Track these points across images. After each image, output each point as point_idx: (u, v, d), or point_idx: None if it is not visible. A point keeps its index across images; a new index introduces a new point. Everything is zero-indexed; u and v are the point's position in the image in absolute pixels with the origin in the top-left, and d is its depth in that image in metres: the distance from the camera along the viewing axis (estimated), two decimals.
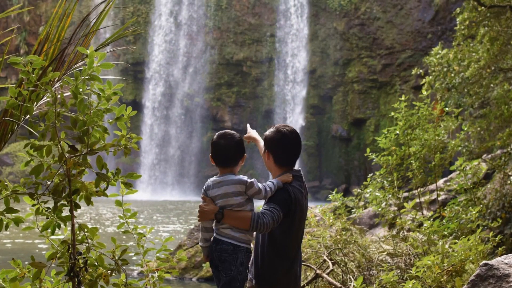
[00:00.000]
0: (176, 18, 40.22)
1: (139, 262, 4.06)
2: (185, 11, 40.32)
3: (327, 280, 6.78)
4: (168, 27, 40.13)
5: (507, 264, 4.40)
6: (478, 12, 11.83)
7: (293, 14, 39.28)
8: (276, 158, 3.82)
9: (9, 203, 3.44)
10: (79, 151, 3.47)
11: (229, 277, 3.58)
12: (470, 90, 11.71)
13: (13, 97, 3.36)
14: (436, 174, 9.94)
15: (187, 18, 40.29)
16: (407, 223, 8.02)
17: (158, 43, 39.81)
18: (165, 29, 40.06)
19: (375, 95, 37.56)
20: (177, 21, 40.23)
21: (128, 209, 3.91)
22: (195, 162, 39.31)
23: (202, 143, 39.12)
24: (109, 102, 3.49)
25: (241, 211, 3.59)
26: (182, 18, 40.34)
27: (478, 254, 6.11)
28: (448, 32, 34.10)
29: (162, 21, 40.09)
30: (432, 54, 12.52)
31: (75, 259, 3.48)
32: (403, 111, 9.75)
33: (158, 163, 39.23)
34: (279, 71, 39.46)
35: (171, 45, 40.05)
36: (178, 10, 40.35)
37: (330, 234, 7.56)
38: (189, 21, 40.27)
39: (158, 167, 39.18)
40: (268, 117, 39.04)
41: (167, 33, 40.11)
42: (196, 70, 40.08)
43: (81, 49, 3.46)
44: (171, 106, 39.94)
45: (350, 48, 38.12)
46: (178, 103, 39.94)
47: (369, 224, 11.68)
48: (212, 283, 10.80)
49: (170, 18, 40.21)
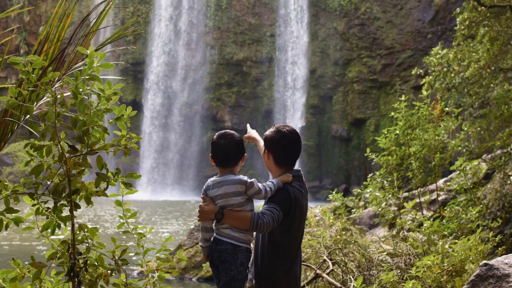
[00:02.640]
0: (175, 25, 40.10)
1: (139, 262, 4.06)
2: (185, 15, 40.21)
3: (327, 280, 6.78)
4: (167, 35, 39.98)
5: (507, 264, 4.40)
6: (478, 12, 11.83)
7: (293, 19, 39.23)
8: (276, 158, 3.82)
9: (9, 203, 3.44)
10: (79, 151, 3.46)
11: (229, 277, 3.58)
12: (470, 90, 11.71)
13: (13, 97, 3.35)
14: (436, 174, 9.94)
15: (187, 24, 40.16)
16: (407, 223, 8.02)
17: (156, 55, 39.72)
18: (164, 38, 39.90)
19: (375, 95, 37.56)
20: (176, 28, 40.10)
21: (128, 209, 3.91)
22: (194, 166, 39.30)
23: (202, 143, 39.12)
24: (109, 102, 3.49)
25: (241, 211, 3.59)
26: (182, 24, 40.21)
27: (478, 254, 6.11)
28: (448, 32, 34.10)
29: (162, 28, 39.96)
30: (432, 54, 12.53)
31: (75, 259, 3.48)
32: (403, 111, 9.75)
33: (157, 167, 39.22)
34: (278, 77, 39.46)
35: (169, 57, 39.92)
36: (178, 15, 40.26)
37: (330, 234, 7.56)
38: (188, 27, 40.13)
39: (157, 171, 39.17)
40: (268, 117, 39.04)
41: (166, 43, 39.96)
42: (195, 81, 40.06)
43: (81, 49, 3.46)
44: (169, 115, 39.94)
45: (350, 48, 38.12)
46: (176, 111, 39.93)
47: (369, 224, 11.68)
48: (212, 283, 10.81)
49: (170, 24, 40.08)
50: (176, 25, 40.25)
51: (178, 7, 40.37)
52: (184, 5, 40.38)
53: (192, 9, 40.34)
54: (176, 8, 40.36)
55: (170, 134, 39.84)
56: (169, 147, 39.70)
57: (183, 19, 40.33)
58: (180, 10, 40.40)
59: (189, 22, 40.24)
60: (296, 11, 39.27)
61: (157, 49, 39.83)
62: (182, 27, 40.27)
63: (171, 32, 40.20)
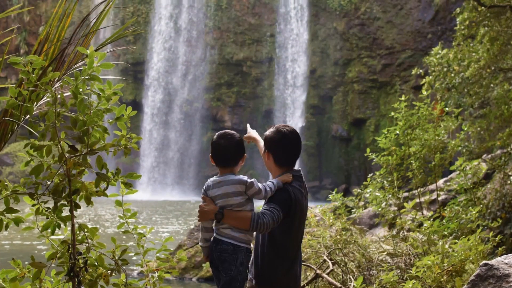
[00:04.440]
0: (176, 22, 40.11)
1: (139, 262, 4.06)
2: (185, 14, 40.21)
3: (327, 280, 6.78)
4: (167, 33, 40.01)
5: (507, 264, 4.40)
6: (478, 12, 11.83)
7: (293, 17, 39.24)
8: (276, 158, 3.82)
9: (9, 203, 3.44)
10: (79, 151, 3.46)
11: (229, 277, 3.58)
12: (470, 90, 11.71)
13: (13, 97, 3.35)
14: (436, 174, 9.94)
15: (187, 22, 40.18)
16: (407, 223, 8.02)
17: (157, 51, 39.73)
18: (164, 35, 39.93)
19: (375, 95, 37.56)
20: (176, 26, 40.11)
21: (128, 209, 3.91)
22: (194, 165, 39.28)
23: (202, 143, 39.11)
24: (109, 102, 3.48)
25: (241, 211, 3.59)
26: (182, 22, 40.22)
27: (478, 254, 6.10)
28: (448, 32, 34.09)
29: (162, 26, 39.98)
30: (432, 54, 12.52)
31: (75, 259, 3.48)
32: (403, 111, 9.75)
33: (157, 165, 39.21)
34: (279, 75, 39.44)
35: (170, 53, 39.94)
36: (178, 13, 40.26)
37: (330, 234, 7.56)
38: (189, 25, 40.15)
39: (157, 169, 39.16)
40: (268, 117, 39.03)
41: (167, 40, 39.99)
42: (195, 77, 40.05)
43: (81, 49, 3.46)
44: (170, 112, 39.91)
45: (350, 48, 38.11)
46: (177, 109, 39.91)
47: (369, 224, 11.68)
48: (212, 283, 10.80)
49: (170, 22, 40.10)
50: (176, 23, 40.27)
51: (178, 6, 40.39)
52: (184, 3, 40.40)
53: (192, 7, 40.37)
54: (176, 7, 40.39)
55: (171, 132, 39.83)
56: (169, 146, 39.69)
57: (183, 17, 40.35)
58: (180, 9, 40.42)
59: (189, 20, 40.26)
60: (296, 9, 39.28)
61: (158, 46, 39.86)
62: (182, 25, 40.30)
63: (171, 29, 40.23)
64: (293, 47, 39.32)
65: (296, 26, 39.24)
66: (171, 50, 40.13)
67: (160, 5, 40.08)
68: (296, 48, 39.29)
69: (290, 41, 39.28)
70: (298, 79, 39.21)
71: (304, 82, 39.05)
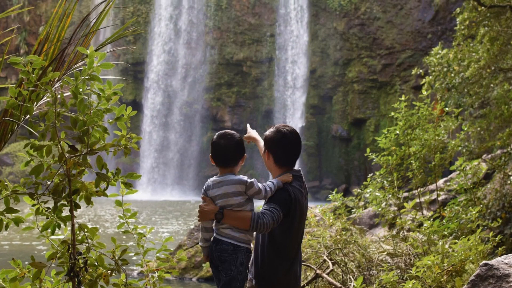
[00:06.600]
0: (176, 24, 40.07)
1: (139, 262, 4.06)
2: (185, 15, 40.17)
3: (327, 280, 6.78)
4: (167, 35, 39.95)
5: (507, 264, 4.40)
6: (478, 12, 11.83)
7: (293, 19, 39.22)
8: (276, 158, 3.82)
9: (9, 203, 3.44)
10: (79, 151, 3.46)
11: (229, 277, 3.58)
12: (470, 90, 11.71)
13: (13, 97, 3.35)
14: (436, 174, 9.93)
15: (187, 23, 40.14)
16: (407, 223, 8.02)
17: (157, 53, 39.71)
18: (164, 37, 39.87)
19: (375, 95, 37.56)
20: (176, 27, 40.08)
21: (128, 209, 3.91)
22: (194, 165, 39.27)
23: (202, 144, 39.11)
24: (109, 102, 3.49)
25: (241, 211, 3.59)
26: (182, 23, 40.19)
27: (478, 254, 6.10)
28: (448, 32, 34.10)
29: (162, 27, 39.93)
30: (432, 54, 12.52)
31: (75, 259, 3.48)
32: (403, 111, 9.75)
33: (157, 166, 39.21)
34: (279, 77, 39.43)
35: (170, 56, 39.91)
36: (178, 15, 40.23)
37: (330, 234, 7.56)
38: (189, 27, 40.10)
39: (157, 170, 39.16)
40: (268, 117, 39.03)
41: (166, 42, 39.94)
42: (195, 79, 40.03)
43: (81, 49, 3.46)
44: (169, 114, 39.90)
45: (350, 48, 38.11)
46: (177, 110, 39.89)
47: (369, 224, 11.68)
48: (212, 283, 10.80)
49: (170, 23, 40.05)
50: (176, 24, 40.22)
51: (178, 7, 40.35)
52: (184, 4, 40.36)
53: (192, 8, 40.33)
54: (176, 8, 40.35)
55: (170, 133, 39.83)
56: (169, 147, 39.69)
57: (183, 18, 40.30)
58: (180, 10, 40.38)
59: (189, 21, 40.22)
60: (296, 10, 39.26)
61: (157, 48, 39.82)
62: (182, 26, 40.26)
63: (171, 31, 40.17)
64: (293, 49, 39.30)
65: (296, 28, 39.22)
66: (170, 52, 40.10)
67: (160, 6, 40.05)
68: (296, 50, 39.27)
69: (290, 43, 39.27)
70: (298, 80, 39.20)
71: (304, 84, 39.05)
